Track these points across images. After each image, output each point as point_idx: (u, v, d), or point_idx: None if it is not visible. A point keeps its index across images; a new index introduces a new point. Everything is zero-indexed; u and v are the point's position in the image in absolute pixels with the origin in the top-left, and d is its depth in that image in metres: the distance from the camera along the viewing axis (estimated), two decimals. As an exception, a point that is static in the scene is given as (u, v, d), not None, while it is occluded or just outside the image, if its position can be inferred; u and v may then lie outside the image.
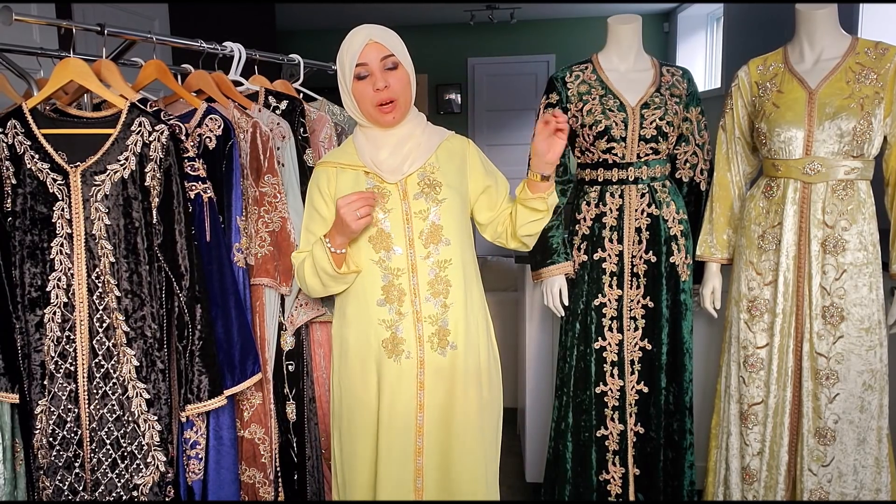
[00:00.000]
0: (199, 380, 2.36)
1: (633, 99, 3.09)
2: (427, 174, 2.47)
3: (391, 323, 2.44)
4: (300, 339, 2.94)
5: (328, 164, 2.54)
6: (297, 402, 2.94)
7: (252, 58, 3.17)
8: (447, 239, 2.45)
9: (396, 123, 2.46)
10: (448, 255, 2.45)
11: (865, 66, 2.79)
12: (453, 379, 2.48)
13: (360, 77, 2.39)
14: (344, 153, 2.54)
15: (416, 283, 2.43)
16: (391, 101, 2.39)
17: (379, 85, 2.37)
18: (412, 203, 2.45)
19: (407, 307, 2.43)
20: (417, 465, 2.48)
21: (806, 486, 2.91)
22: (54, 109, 2.40)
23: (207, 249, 2.42)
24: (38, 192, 2.28)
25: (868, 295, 2.81)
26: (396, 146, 2.49)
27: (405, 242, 2.43)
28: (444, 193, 2.46)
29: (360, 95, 2.41)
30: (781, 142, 2.84)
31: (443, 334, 2.45)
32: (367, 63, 2.37)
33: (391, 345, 2.44)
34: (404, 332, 2.44)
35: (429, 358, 2.45)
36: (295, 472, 2.96)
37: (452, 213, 2.47)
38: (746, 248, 2.99)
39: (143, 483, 2.38)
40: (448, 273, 2.45)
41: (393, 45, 2.41)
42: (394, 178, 2.45)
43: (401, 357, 2.44)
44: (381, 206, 2.43)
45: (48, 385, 2.33)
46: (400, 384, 2.45)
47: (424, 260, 2.44)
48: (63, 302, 2.31)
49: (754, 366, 2.96)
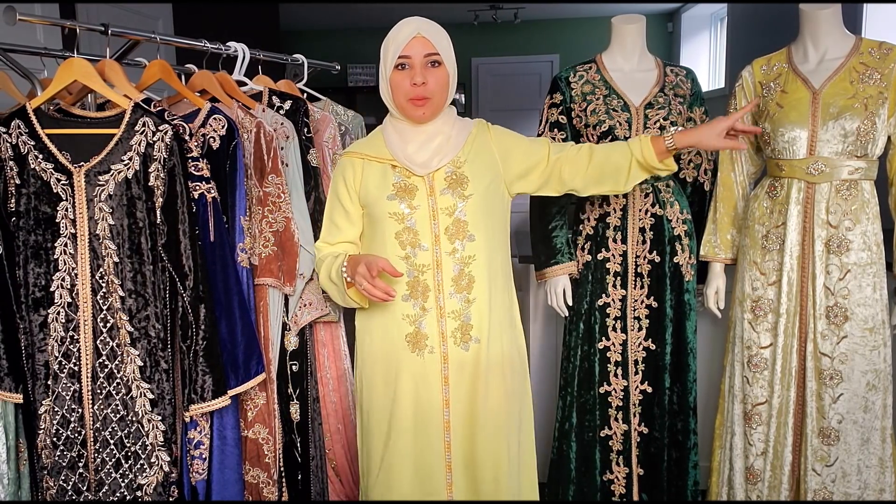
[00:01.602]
0: (202, 380, 2.36)
1: (636, 99, 3.09)
2: (454, 169, 2.46)
3: (415, 318, 2.44)
4: (304, 339, 2.94)
5: (354, 154, 2.54)
6: (301, 402, 2.95)
7: (256, 58, 3.17)
8: (472, 234, 2.44)
9: (426, 121, 2.46)
10: (473, 251, 2.44)
11: (869, 66, 2.79)
12: (476, 373, 2.47)
13: (401, 68, 2.39)
14: (371, 145, 2.54)
15: (441, 279, 2.43)
16: (425, 98, 2.39)
17: (417, 80, 2.36)
18: (439, 198, 2.44)
19: (431, 303, 2.43)
20: (447, 460, 2.48)
21: (810, 486, 2.91)
22: (58, 109, 2.40)
23: (211, 249, 2.42)
24: (41, 192, 2.29)
25: (872, 295, 2.81)
26: (425, 142, 2.48)
27: (431, 239, 2.43)
28: (470, 189, 2.44)
29: (396, 85, 2.40)
30: (785, 142, 2.84)
31: (465, 329, 2.45)
32: (411, 56, 2.37)
33: (414, 339, 2.44)
34: (427, 328, 2.44)
35: (452, 353, 2.45)
36: (299, 472, 2.96)
37: (479, 209, 2.46)
38: (750, 248, 2.98)
39: (147, 483, 2.38)
40: (472, 269, 2.44)
41: (439, 42, 2.40)
42: (422, 172, 2.44)
43: (424, 352, 2.44)
44: (407, 203, 2.43)
45: (52, 385, 2.33)
46: (425, 379, 2.46)
47: (449, 256, 2.43)
48: (67, 302, 2.32)
49: (758, 366, 2.96)
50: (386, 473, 2.51)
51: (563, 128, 3.16)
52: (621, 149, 2.59)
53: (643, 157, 2.54)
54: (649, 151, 2.53)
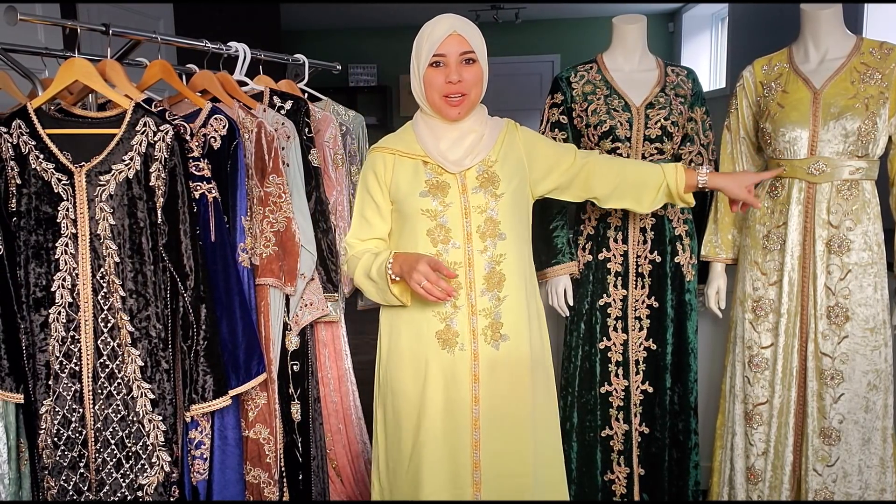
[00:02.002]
0: (203, 380, 2.36)
1: (637, 99, 3.09)
2: (486, 168, 2.46)
3: (446, 315, 2.44)
4: (305, 340, 2.94)
5: (384, 149, 2.52)
6: (302, 402, 2.95)
7: (257, 58, 3.17)
8: (503, 233, 2.44)
9: (460, 118, 2.46)
10: (504, 250, 2.45)
11: (870, 66, 2.79)
12: (506, 370, 2.47)
13: (435, 65, 2.39)
14: (401, 140, 2.53)
15: (472, 277, 2.43)
16: (462, 95, 2.40)
17: (453, 78, 2.37)
18: (471, 197, 2.44)
19: (462, 300, 2.43)
20: (475, 458, 2.48)
21: (811, 486, 2.91)
22: (59, 109, 2.40)
23: (212, 249, 2.42)
24: (42, 192, 2.29)
25: (873, 295, 2.81)
26: (457, 139, 2.49)
27: (463, 236, 2.42)
28: (502, 188, 2.45)
29: (431, 83, 2.40)
30: (786, 142, 2.83)
31: (496, 327, 2.44)
32: (446, 55, 2.37)
33: (445, 336, 2.44)
34: (458, 325, 2.43)
35: (482, 351, 2.44)
36: (300, 472, 2.96)
37: (509, 208, 2.46)
38: (751, 248, 2.98)
39: (148, 483, 2.38)
40: (503, 267, 2.44)
41: (474, 40, 2.40)
42: (455, 169, 2.44)
43: (454, 349, 2.44)
44: (440, 200, 2.43)
45: (53, 385, 2.33)
46: (455, 376, 2.45)
47: (481, 254, 2.43)
48: (68, 302, 2.32)
49: (759, 366, 2.96)
50: (414, 471, 2.50)
51: (564, 128, 3.16)
52: (654, 170, 2.63)
53: (676, 184, 2.59)
54: (682, 181, 2.59)
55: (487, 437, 2.47)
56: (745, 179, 2.58)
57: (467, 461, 2.47)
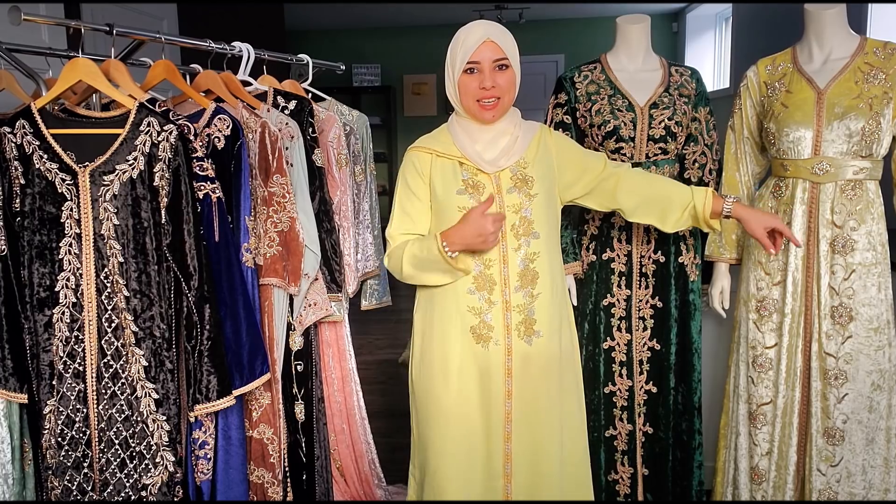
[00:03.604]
0: (207, 380, 2.36)
1: (641, 99, 3.09)
2: (519, 169, 2.50)
3: (480, 310, 2.47)
4: (309, 340, 2.94)
5: (422, 149, 2.55)
6: (306, 402, 2.95)
7: (261, 58, 3.17)
8: (537, 232, 2.49)
9: (494, 121, 2.50)
10: (537, 248, 2.48)
11: (874, 66, 2.79)
12: (538, 366, 2.50)
13: (469, 72, 2.42)
14: (437, 141, 2.56)
15: (507, 274, 2.47)
16: (496, 99, 2.43)
17: (487, 84, 2.40)
18: (505, 197, 2.47)
19: (497, 296, 2.47)
20: (507, 450, 2.51)
21: (815, 486, 2.90)
22: (63, 109, 2.40)
23: (216, 249, 2.42)
24: (46, 192, 2.29)
25: (877, 295, 2.80)
26: (492, 141, 2.52)
27: (498, 234, 2.42)
28: (536, 189, 2.49)
29: (465, 88, 2.44)
30: (790, 142, 2.83)
31: (529, 323, 2.48)
32: (480, 62, 2.41)
33: (479, 331, 2.47)
34: (493, 320, 2.47)
35: (516, 346, 2.48)
36: (303, 472, 2.96)
37: (543, 208, 2.50)
38: (755, 248, 2.98)
39: (152, 483, 2.38)
40: (536, 265, 2.48)
41: (507, 46, 2.44)
42: (490, 170, 2.47)
43: (489, 344, 2.47)
44: (476, 199, 2.46)
45: (57, 385, 2.33)
46: (489, 371, 2.48)
47: (515, 252, 2.47)
48: (72, 302, 2.32)
49: (763, 366, 2.96)
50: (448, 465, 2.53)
51: (568, 128, 3.16)
52: (682, 190, 2.65)
53: (703, 207, 2.59)
54: (709, 206, 2.59)
55: (519, 430, 2.51)
56: (767, 221, 2.57)
57: (499, 453, 2.51)
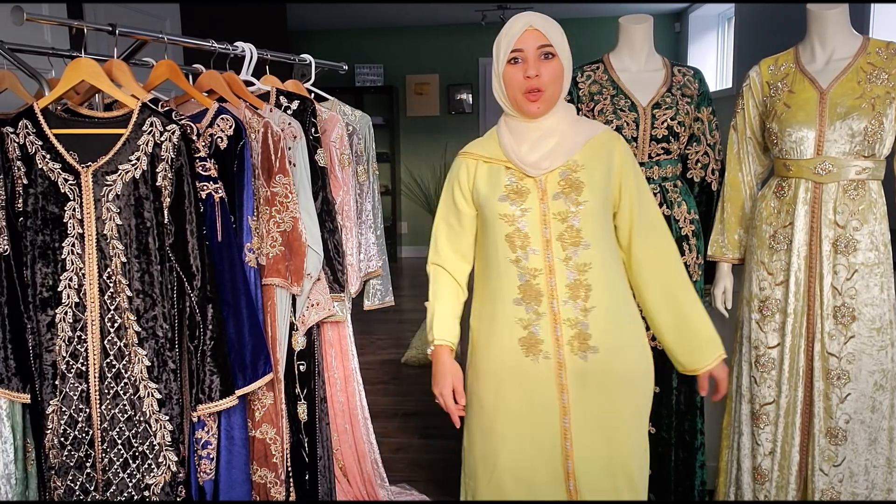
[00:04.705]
0: (210, 380, 2.36)
1: (644, 99, 3.09)
2: (569, 173, 2.33)
3: (528, 322, 2.34)
4: (311, 340, 2.95)
5: (469, 155, 2.47)
6: (309, 402, 2.95)
7: (263, 58, 3.18)
8: (587, 243, 2.32)
9: (541, 114, 2.35)
10: (588, 259, 2.32)
11: (877, 66, 2.78)
12: (598, 384, 2.36)
13: (514, 62, 2.32)
14: (485, 145, 2.46)
15: (554, 285, 2.32)
16: (538, 91, 2.29)
17: (530, 72, 2.28)
18: (551, 204, 2.32)
19: (544, 308, 2.33)
20: (568, 469, 2.39)
21: (817, 486, 2.90)
22: (66, 109, 2.41)
23: (219, 249, 2.42)
24: (49, 192, 2.29)
25: (879, 295, 2.80)
26: (538, 140, 2.37)
27: (542, 243, 2.33)
28: (585, 196, 2.31)
29: (510, 80, 2.33)
30: (793, 142, 2.83)
31: (583, 338, 2.32)
32: (523, 49, 2.29)
33: (528, 344, 2.35)
34: (542, 333, 2.33)
35: (570, 362, 2.33)
36: (306, 472, 2.96)
37: (593, 217, 2.34)
38: (758, 248, 2.98)
39: (155, 483, 2.39)
40: (588, 277, 2.32)
41: (552, 34, 2.31)
42: (534, 173, 2.33)
43: (538, 357, 2.34)
44: (518, 206, 2.34)
45: (59, 385, 2.34)
46: (539, 385, 2.36)
47: (563, 262, 2.32)
48: (74, 302, 2.32)
49: (766, 366, 2.96)
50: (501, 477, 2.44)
51: (570, 128, 3.16)
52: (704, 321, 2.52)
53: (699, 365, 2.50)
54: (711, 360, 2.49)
55: (581, 447, 2.38)
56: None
57: (559, 470, 2.40)
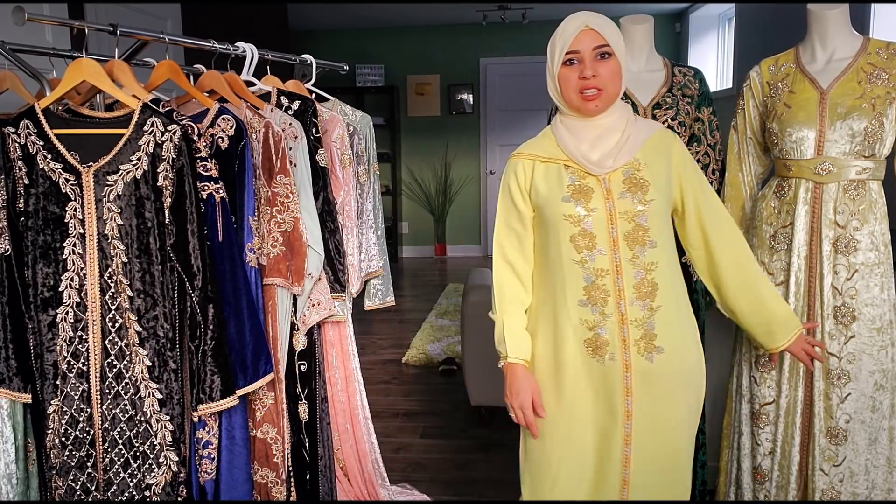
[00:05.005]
0: (211, 380, 2.36)
1: (644, 99, 3.09)
2: (632, 172, 2.31)
3: (594, 324, 2.31)
4: (312, 339, 2.95)
5: (524, 155, 2.42)
6: (310, 401, 2.95)
7: (264, 58, 3.18)
8: (653, 241, 2.30)
9: (599, 113, 2.32)
10: (654, 258, 2.30)
11: (877, 66, 2.78)
12: (662, 385, 2.33)
13: (569, 63, 2.29)
14: (541, 145, 2.41)
15: (622, 286, 2.29)
16: (597, 90, 2.27)
17: (587, 73, 2.25)
18: (616, 202, 2.29)
19: (611, 309, 2.30)
20: (624, 476, 2.35)
21: (818, 485, 2.90)
22: (67, 110, 2.41)
23: (220, 249, 2.43)
24: (50, 192, 2.29)
25: (879, 295, 2.80)
26: (598, 139, 2.35)
27: (609, 243, 2.29)
28: (651, 194, 2.30)
29: (565, 81, 2.30)
30: (793, 142, 2.83)
31: (650, 339, 2.30)
32: (579, 51, 2.26)
33: (594, 345, 2.31)
34: (608, 334, 2.30)
35: (636, 363, 2.30)
36: (307, 471, 2.97)
37: (659, 216, 2.32)
38: (758, 248, 2.98)
39: (156, 483, 2.39)
40: (655, 276, 2.30)
41: (608, 34, 2.29)
42: (598, 171, 2.30)
43: (604, 358, 2.31)
44: (583, 205, 2.30)
45: (61, 385, 2.34)
46: (605, 387, 2.33)
47: (629, 262, 2.29)
48: (75, 302, 2.32)
49: (766, 366, 2.96)
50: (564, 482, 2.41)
51: (571, 128, 3.16)
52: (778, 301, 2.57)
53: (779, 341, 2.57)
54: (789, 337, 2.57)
55: (639, 454, 2.35)
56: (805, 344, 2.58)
57: (616, 478, 2.36)
